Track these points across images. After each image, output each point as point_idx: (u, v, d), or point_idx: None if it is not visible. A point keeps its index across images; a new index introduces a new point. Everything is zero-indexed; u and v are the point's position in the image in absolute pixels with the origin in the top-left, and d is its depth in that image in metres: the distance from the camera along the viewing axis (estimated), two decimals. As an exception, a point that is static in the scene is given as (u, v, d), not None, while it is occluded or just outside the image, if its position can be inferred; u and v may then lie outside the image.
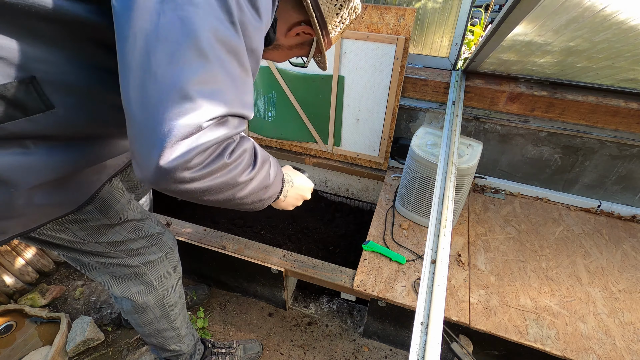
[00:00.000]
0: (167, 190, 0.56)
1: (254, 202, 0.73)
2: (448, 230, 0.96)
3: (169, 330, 1.19)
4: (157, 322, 1.15)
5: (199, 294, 1.70)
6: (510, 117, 1.73)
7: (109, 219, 0.90)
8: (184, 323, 1.25)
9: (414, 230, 1.63)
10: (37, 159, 0.65)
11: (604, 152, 1.70)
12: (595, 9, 0.91)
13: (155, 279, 1.06)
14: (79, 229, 0.86)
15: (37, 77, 0.59)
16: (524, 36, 1.17)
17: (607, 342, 1.23)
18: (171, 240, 1.11)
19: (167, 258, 1.09)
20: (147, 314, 1.11)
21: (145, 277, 1.04)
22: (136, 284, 1.05)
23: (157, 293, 1.09)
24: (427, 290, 0.81)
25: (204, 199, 0.61)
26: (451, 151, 1.28)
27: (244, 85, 0.59)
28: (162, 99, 0.51)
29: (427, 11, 1.73)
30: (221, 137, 0.56)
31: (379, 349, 1.57)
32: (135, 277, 1.03)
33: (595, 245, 1.61)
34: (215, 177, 0.57)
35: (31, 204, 0.69)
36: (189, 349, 1.29)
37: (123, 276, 1.02)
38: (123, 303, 1.09)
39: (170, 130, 0.51)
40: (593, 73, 1.47)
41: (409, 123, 1.93)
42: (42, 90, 0.60)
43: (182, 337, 1.25)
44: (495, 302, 1.33)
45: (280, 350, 1.56)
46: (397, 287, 1.37)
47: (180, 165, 0.52)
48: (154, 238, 1.04)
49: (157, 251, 1.05)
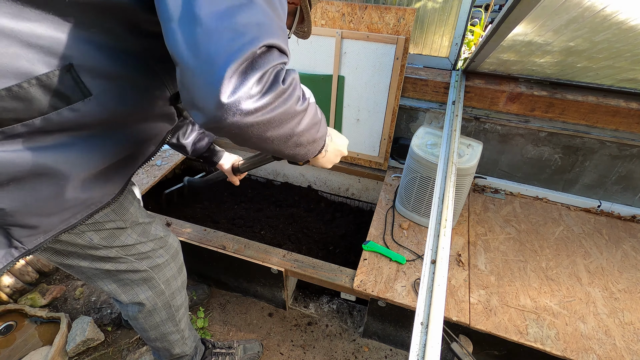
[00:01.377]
0: (235, 127, 0.56)
1: (309, 142, 0.73)
2: (448, 230, 0.96)
3: (174, 333, 1.18)
4: (163, 326, 1.14)
5: (199, 293, 1.70)
6: (510, 117, 1.73)
7: (123, 221, 0.90)
8: (187, 325, 1.25)
9: (414, 230, 1.63)
10: (82, 148, 0.66)
11: (604, 152, 1.70)
12: (595, 9, 0.91)
13: (162, 282, 1.06)
14: (94, 232, 0.85)
15: (74, 64, 0.59)
16: (524, 36, 1.17)
17: (607, 342, 1.23)
18: (176, 243, 1.11)
19: (174, 260, 1.08)
20: (154, 318, 1.11)
21: (153, 282, 1.04)
22: (144, 289, 1.04)
23: (164, 297, 1.08)
24: (427, 290, 0.81)
25: (267, 135, 0.61)
26: (451, 151, 1.28)
27: (283, 24, 0.62)
28: (211, 38, 0.52)
29: (427, 11, 1.73)
30: (273, 62, 0.57)
31: (379, 349, 1.57)
32: (143, 283, 1.03)
33: (595, 245, 1.61)
34: (275, 105, 0.58)
35: (77, 196, 0.71)
36: (190, 350, 1.29)
37: (131, 283, 1.01)
38: (129, 309, 1.08)
39: (224, 64, 0.52)
40: (593, 73, 1.47)
41: (409, 123, 1.93)
42: (80, 78, 0.60)
43: (186, 339, 1.25)
44: (495, 302, 1.33)
45: (280, 350, 1.56)
46: (397, 287, 1.37)
47: (243, 95, 0.53)
48: (161, 241, 1.03)
49: (164, 254, 1.04)
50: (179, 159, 2.05)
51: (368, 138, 1.92)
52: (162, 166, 1.98)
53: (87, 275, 0.96)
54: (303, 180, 2.40)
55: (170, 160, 2.02)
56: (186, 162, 2.58)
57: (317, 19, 1.64)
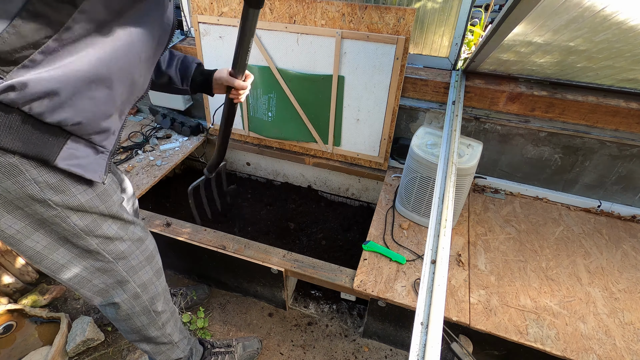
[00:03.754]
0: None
1: None
2: (448, 230, 0.96)
3: (160, 337, 1.16)
4: (144, 330, 1.12)
5: (199, 293, 1.70)
6: (510, 117, 1.73)
7: (106, 207, 0.90)
8: (176, 329, 1.23)
9: (414, 230, 1.63)
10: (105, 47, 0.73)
11: (604, 152, 1.70)
12: (595, 9, 0.91)
13: (138, 285, 1.04)
14: (78, 218, 0.85)
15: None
16: (524, 36, 1.17)
17: (607, 342, 1.23)
18: (152, 245, 1.09)
19: (149, 264, 1.06)
20: (134, 321, 1.09)
21: (128, 285, 1.02)
22: (119, 293, 1.02)
23: (141, 300, 1.06)
24: (427, 290, 0.81)
25: None
26: (451, 151, 1.28)
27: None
28: None
29: (427, 11, 1.73)
30: None
31: (379, 349, 1.57)
32: (118, 286, 1.01)
33: (595, 245, 1.61)
34: None
35: (121, 93, 0.81)
36: (185, 353, 1.28)
37: (106, 287, 1.00)
38: (107, 310, 1.06)
39: None
40: (593, 73, 1.47)
41: (409, 123, 1.93)
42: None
43: (176, 342, 1.23)
44: (495, 302, 1.33)
45: (280, 350, 1.56)
46: (397, 287, 1.37)
47: None
48: (138, 242, 1.02)
49: (140, 256, 1.03)
50: (178, 158, 2.05)
51: (368, 138, 1.93)
52: (162, 166, 1.98)
53: (64, 279, 0.94)
54: (303, 180, 2.40)
55: (170, 160, 2.02)
56: (186, 162, 2.58)
57: (317, 19, 1.64)
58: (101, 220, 0.91)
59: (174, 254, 1.70)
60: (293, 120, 1.98)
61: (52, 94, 0.67)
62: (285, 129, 2.03)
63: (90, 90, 0.73)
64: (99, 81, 0.74)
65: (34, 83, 0.64)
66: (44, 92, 0.66)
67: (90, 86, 0.73)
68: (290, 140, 2.09)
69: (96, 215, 0.89)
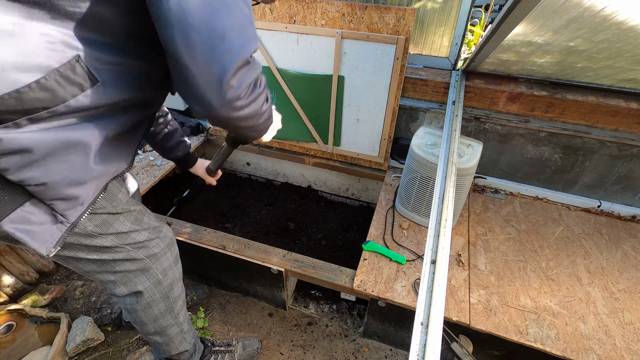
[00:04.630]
0: (225, 119, 0.76)
1: (264, 129, 0.92)
2: (448, 230, 0.96)
3: (173, 326, 1.19)
4: (162, 318, 1.14)
5: (199, 293, 1.70)
6: (510, 117, 1.73)
7: (113, 207, 0.92)
8: (186, 319, 1.26)
9: (414, 230, 1.63)
10: (98, 123, 0.75)
11: (604, 152, 1.70)
12: (595, 9, 0.91)
13: (160, 272, 1.07)
14: (87, 220, 0.87)
15: (80, 55, 0.66)
16: (524, 36, 1.17)
17: (607, 342, 1.23)
18: (171, 233, 1.13)
19: (169, 250, 1.10)
20: (153, 310, 1.11)
21: (151, 272, 1.05)
22: (142, 280, 1.05)
23: (162, 287, 1.09)
24: (427, 290, 0.81)
25: (242, 125, 0.81)
26: (451, 151, 1.28)
27: (253, 21, 0.72)
28: (208, 46, 0.64)
29: (427, 11, 1.73)
30: (258, 69, 0.74)
31: (379, 349, 1.57)
32: (141, 273, 1.04)
33: (595, 245, 1.61)
34: (252, 104, 0.77)
35: (100, 164, 0.80)
36: (190, 346, 1.29)
37: (128, 274, 1.02)
38: (127, 301, 1.08)
39: (223, 71, 0.66)
40: (593, 73, 1.47)
41: (409, 123, 1.93)
42: (87, 67, 0.67)
43: (185, 332, 1.25)
44: (495, 302, 1.33)
45: (280, 350, 1.56)
46: (397, 287, 1.37)
47: (237, 96, 0.71)
48: (156, 230, 1.05)
49: (160, 243, 1.06)
50: (179, 159, 2.05)
51: (368, 138, 1.93)
52: (162, 166, 1.98)
53: (85, 270, 0.97)
54: (303, 180, 2.40)
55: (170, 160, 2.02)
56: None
57: (317, 19, 1.64)
58: (112, 219, 0.92)
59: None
60: (293, 120, 1.98)
61: (25, 151, 0.66)
62: (285, 128, 2.01)
63: (68, 153, 0.71)
64: (79, 146, 0.72)
65: (9, 140, 0.63)
66: (17, 149, 0.65)
67: (69, 149, 0.71)
68: (290, 140, 2.09)
69: (105, 215, 0.90)
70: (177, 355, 1.27)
